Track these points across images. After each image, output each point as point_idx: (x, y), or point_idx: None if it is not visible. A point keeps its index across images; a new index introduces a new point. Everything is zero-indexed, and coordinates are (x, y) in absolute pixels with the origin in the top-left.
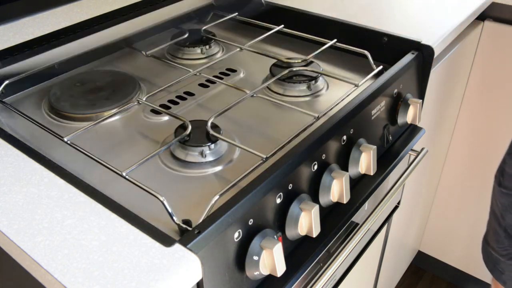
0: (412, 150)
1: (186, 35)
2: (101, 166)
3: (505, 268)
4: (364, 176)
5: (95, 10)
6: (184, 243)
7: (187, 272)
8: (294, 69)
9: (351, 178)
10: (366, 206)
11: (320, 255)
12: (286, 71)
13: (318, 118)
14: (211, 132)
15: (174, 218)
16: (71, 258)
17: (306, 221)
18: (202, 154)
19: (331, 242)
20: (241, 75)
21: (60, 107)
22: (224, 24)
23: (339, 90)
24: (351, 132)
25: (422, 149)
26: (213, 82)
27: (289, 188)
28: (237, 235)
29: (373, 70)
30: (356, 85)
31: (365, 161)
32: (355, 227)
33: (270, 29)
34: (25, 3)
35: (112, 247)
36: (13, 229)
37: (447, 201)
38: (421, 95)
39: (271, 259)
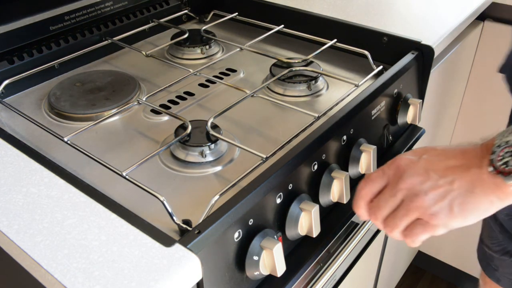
0: None
1: (186, 35)
2: (101, 166)
3: (498, 265)
4: (364, 176)
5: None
6: (184, 243)
7: (187, 272)
8: (294, 69)
9: (351, 178)
10: None
11: (320, 255)
12: (286, 71)
13: (318, 118)
14: (211, 132)
15: (174, 218)
16: (71, 258)
17: (306, 221)
18: (202, 154)
19: (331, 242)
20: (241, 75)
21: (60, 107)
22: (224, 24)
23: (339, 90)
24: (351, 132)
25: None
26: (213, 82)
27: (289, 188)
28: (237, 235)
29: (373, 70)
30: (356, 85)
31: (365, 161)
32: (355, 227)
33: (270, 29)
34: (26, 4)
35: (112, 247)
36: (13, 229)
37: None
38: (421, 95)
39: (271, 259)
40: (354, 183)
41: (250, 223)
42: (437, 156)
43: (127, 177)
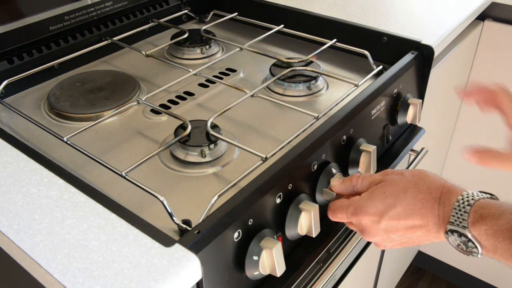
0: (412, 150)
1: (186, 35)
2: (101, 166)
3: None
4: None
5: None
6: (184, 243)
7: (186, 272)
8: (294, 69)
9: None
10: None
11: (320, 255)
12: (286, 71)
13: (318, 118)
14: (211, 132)
15: (174, 218)
16: (70, 258)
17: (306, 221)
18: (202, 154)
19: (331, 242)
20: (241, 75)
21: (60, 107)
22: (224, 24)
23: (339, 90)
24: (351, 132)
25: (422, 149)
26: (213, 82)
27: (289, 188)
28: (237, 235)
29: (373, 70)
30: (356, 85)
31: (365, 161)
32: None
33: (270, 29)
34: (26, 4)
35: (112, 247)
36: (13, 229)
37: None
38: (421, 95)
39: (271, 259)
40: None
41: (249, 223)
42: (397, 219)
43: (126, 177)
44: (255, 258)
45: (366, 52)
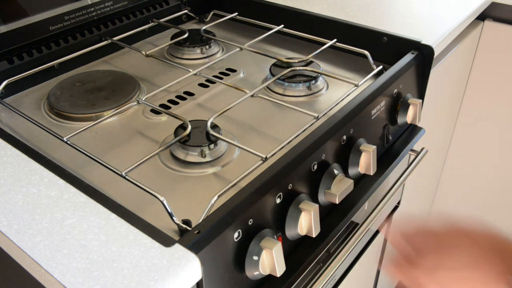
0: (412, 150)
1: (186, 35)
2: (101, 166)
3: None
4: (364, 176)
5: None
6: (184, 243)
7: (186, 272)
8: (294, 69)
9: (351, 178)
10: (366, 206)
11: (320, 255)
12: (286, 71)
13: (318, 118)
14: (211, 132)
15: (174, 218)
16: (70, 258)
17: (306, 221)
18: (202, 154)
19: (331, 242)
20: (241, 75)
21: (60, 107)
22: (224, 24)
23: (339, 90)
24: (351, 132)
25: (422, 149)
26: (213, 82)
27: (289, 188)
28: (237, 235)
29: (373, 70)
30: (356, 85)
31: (365, 161)
32: (355, 227)
33: (270, 29)
34: (26, 4)
35: (112, 247)
36: (13, 229)
37: (447, 201)
38: (421, 95)
39: (271, 259)
40: (354, 183)
41: (249, 223)
42: (452, 270)
43: (126, 177)
44: (255, 258)
45: (366, 52)
